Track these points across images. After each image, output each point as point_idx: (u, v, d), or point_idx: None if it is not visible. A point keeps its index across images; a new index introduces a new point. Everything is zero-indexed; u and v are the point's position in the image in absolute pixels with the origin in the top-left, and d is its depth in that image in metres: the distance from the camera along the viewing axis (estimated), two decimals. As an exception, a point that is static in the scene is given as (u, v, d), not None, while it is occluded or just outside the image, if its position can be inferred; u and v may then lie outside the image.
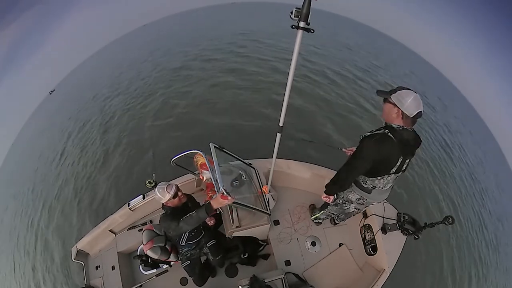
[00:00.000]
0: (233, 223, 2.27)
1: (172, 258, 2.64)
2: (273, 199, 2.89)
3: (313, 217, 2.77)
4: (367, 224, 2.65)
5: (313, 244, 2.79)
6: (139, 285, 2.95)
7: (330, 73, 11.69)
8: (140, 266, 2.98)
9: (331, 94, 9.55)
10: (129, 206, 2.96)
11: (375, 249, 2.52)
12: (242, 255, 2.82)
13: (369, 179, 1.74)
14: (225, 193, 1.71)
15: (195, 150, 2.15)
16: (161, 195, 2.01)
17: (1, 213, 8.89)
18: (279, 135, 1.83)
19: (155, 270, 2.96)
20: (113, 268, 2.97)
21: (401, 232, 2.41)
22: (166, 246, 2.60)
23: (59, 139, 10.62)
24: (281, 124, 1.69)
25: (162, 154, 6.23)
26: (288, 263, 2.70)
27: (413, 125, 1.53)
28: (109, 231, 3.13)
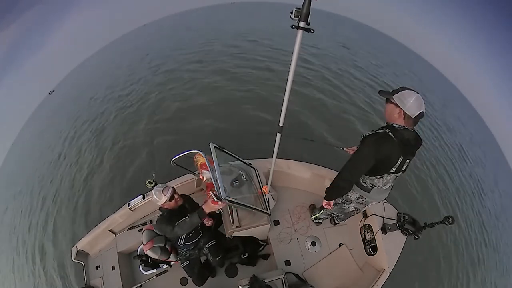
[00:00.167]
0: (233, 223, 2.26)
1: (172, 258, 2.64)
2: (273, 199, 2.88)
3: (313, 217, 2.77)
4: (367, 224, 2.65)
5: (313, 244, 2.79)
6: (139, 285, 2.94)
7: (329, 72, 11.69)
8: (140, 266, 2.98)
9: (330, 93, 9.54)
10: (129, 206, 2.96)
11: (375, 249, 2.52)
12: (242, 255, 2.81)
13: (369, 177, 1.74)
14: (216, 198, 1.75)
15: (195, 150, 2.15)
16: (158, 197, 2.03)
17: (0, 213, 8.89)
18: (279, 135, 1.82)
19: (155, 270, 2.96)
20: (113, 268, 2.97)
21: (401, 232, 2.41)
22: (166, 246, 2.60)
23: (58, 140, 10.63)
24: (281, 124, 1.69)
25: (162, 154, 6.23)
26: (288, 263, 2.70)
27: (414, 125, 1.53)
28: (109, 231, 3.13)
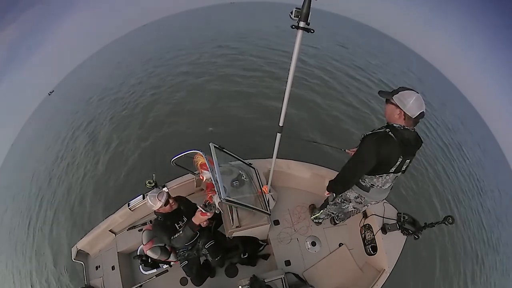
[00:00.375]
0: (233, 223, 2.26)
1: (172, 258, 2.65)
2: (273, 199, 2.88)
3: (313, 217, 2.77)
4: (367, 224, 2.65)
5: (313, 244, 2.79)
6: (139, 285, 2.94)
7: (328, 72, 11.69)
8: (140, 266, 2.98)
9: (327, 94, 9.54)
10: (129, 206, 2.95)
11: (375, 249, 2.52)
12: (242, 255, 2.81)
13: (368, 177, 1.74)
14: (203, 210, 1.91)
15: (195, 150, 2.15)
16: (153, 203, 2.05)
17: (0, 214, 8.89)
18: (279, 135, 1.82)
19: (155, 270, 2.96)
20: (113, 268, 2.97)
21: (401, 232, 2.41)
22: (166, 246, 2.60)
23: (57, 140, 10.62)
24: (281, 124, 1.69)
25: (162, 155, 6.23)
26: (288, 263, 2.70)
27: (415, 125, 1.53)
28: (109, 231, 3.12)
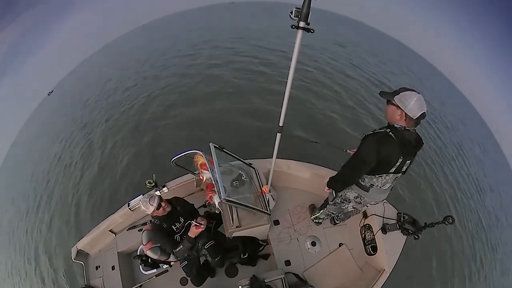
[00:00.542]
0: (233, 223, 2.26)
1: (172, 258, 2.64)
2: (273, 199, 2.88)
3: (313, 216, 2.77)
4: (367, 224, 2.66)
5: (313, 244, 2.79)
6: (139, 285, 2.94)
7: (325, 72, 11.68)
8: (140, 266, 2.99)
9: (328, 93, 9.54)
10: (129, 206, 2.96)
11: (375, 249, 2.52)
12: (242, 255, 2.81)
13: (367, 176, 1.74)
14: (197, 224, 2.08)
15: (195, 150, 2.15)
16: (145, 208, 2.12)
17: (0, 215, 8.88)
18: (279, 135, 1.82)
19: (155, 270, 2.96)
20: (113, 268, 2.97)
21: (401, 232, 2.42)
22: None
23: (57, 141, 10.59)
24: (281, 124, 1.69)
25: (162, 154, 6.22)
26: (288, 263, 2.70)
27: (416, 126, 1.53)
28: (109, 231, 3.12)
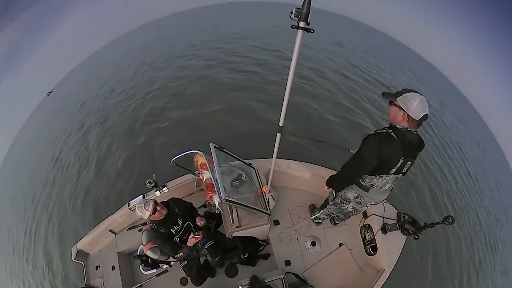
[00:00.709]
0: (233, 223, 2.27)
1: (171, 258, 2.64)
2: (273, 199, 2.88)
3: (313, 217, 2.77)
4: (367, 224, 2.66)
5: (313, 244, 2.79)
6: (139, 285, 2.94)
7: (327, 72, 11.66)
8: (140, 266, 2.98)
9: (328, 93, 9.52)
10: (129, 206, 2.95)
11: (375, 249, 2.52)
12: (242, 255, 2.81)
13: (368, 177, 1.74)
14: (194, 235, 2.18)
15: (195, 150, 2.16)
16: (142, 213, 2.14)
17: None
18: (279, 135, 1.83)
19: (155, 270, 2.96)
20: (113, 268, 2.97)
21: (401, 232, 2.42)
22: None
23: (57, 141, 10.59)
24: (281, 124, 1.69)
25: (162, 154, 6.22)
26: (288, 263, 2.70)
27: (418, 127, 1.53)
28: (109, 231, 3.13)
